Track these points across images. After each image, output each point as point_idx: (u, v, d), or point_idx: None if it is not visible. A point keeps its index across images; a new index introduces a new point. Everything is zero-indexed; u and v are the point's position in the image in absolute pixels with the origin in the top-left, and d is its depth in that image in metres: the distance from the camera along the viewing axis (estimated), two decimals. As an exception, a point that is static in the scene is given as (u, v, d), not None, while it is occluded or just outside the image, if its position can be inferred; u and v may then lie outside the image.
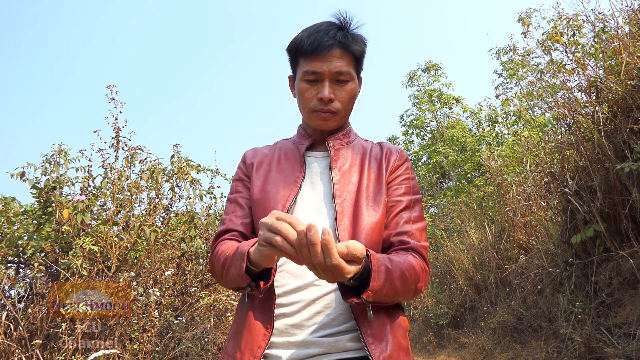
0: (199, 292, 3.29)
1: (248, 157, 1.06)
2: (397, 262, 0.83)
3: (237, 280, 0.82)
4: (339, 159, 1.00)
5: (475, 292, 4.94)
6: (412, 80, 13.54)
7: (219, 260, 0.89)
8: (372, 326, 0.84)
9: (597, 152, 2.61)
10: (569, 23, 3.30)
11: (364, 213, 0.91)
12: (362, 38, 0.98)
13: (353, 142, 1.05)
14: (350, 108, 1.01)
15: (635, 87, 2.42)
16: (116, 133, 3.10)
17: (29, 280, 2.50)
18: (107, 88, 3.16)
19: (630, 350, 2.16)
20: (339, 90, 0.95)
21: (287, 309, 0.86)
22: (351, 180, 0.96)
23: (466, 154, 10.70)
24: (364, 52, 0.99)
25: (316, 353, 0.82)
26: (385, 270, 0.78)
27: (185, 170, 3.38)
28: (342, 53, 0.94)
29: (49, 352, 2.16)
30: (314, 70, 0.93)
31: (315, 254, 0.64)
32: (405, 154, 1.05)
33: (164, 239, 3.07)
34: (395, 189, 0.97)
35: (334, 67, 0.93)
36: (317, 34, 0.93)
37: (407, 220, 0.93)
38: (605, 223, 2.57)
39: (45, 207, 2.59)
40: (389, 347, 0.83)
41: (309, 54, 0.93)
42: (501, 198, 4.93)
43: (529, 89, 5.07)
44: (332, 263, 0.64)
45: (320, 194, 0.96)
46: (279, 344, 0.84)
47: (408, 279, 0.83)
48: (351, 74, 0.95)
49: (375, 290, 0.76)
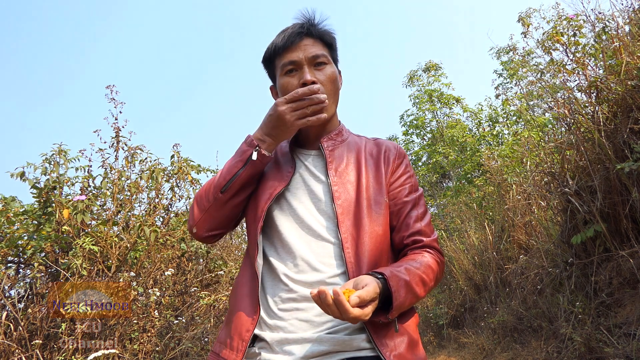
0: (199, 292, 3.29)
1: None
2: (414, 269, 0.86)
3: (235, 164, 0.92)
4: (334, 160, 0.99)
5: (475, 292, 4.94)
6: (412, 80, 13.53)
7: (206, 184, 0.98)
8: (382, 325, 0.84)
9: (597, 152, 2.61)
10: (569, 23, 3.30)
11: (365, 215, 0.91)
12: (329, 29, 1.01)
13: (347, 139, 1.05)
14: (334, 94, 0.99)
15: (635, 87, 2.42)
16: (116, 133, 3.10)
17: (29, 280, 2.50)
18: (107, 88, 3.16)
19: (630, 350, 2.16)
20: (320, 74, 0.97)
21: (301, 304, 0.86)
22: (349, 180, 0.96)
23: (466, 154, 10.70)
24: (334, 41, 1.03)
25: (329, 350, 0.82)
26: (405, 284, 0.81)
27: (185, 170, 3.38)
28: (314, 40, 0.98)
29: (49, 352, 2.16)
30: (290, 60, 0.96)
31: (332, 312, 0.71)
32: (402, 149, 1.06)
33: (164, 239, 3.07)
34: (400, 190, 0.98)
35: (309, 53, 0.96)
36: (286, 32, 0.98)
37: (416, 219, 0.95)
38: (605, 223, 2.57)
39: (45, 207, 2.58)
40: (400, 345, 0.83)
41: (283, 49, 0.97)
42: (501, 198, 4.93)
43: (529, 89, 5.07)
44: (348, 317, 0.70)
45: (318, 196, 0.95)
46: (292, 340, 0.84)
47: (427, 280, 0.87)
48: (327, 58, 0.98)
49: (398, 308, 0.79)
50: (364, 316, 0.72)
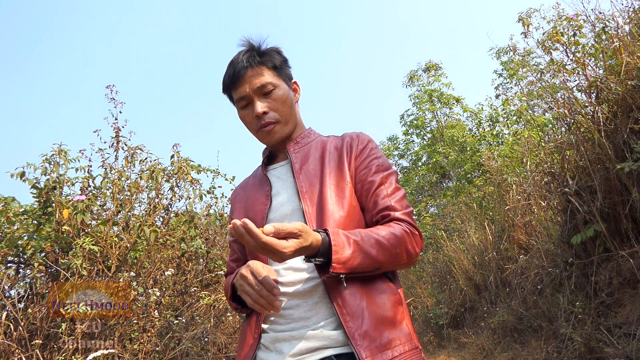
0: (199, 292, 3.29)
1: (232, 197, 1.18)
2: (370, 231, 0.88)
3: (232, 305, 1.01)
4: (299, 161, 1.05)
5: (475, 292, 4.94)
6: (413, 80, 13.54)
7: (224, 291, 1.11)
8: (347, 303, 0.84)
9: (597, 152, 2.61)
10: (569, 23, 3.30)
11: (328, 202, 0.95)
12: (272, 49, 1.07)
13: (313, 140, 1.11)
14: (288, 112, 1.07)
15: (635, 87, 2.42)
16: (116, 133, 3.10)
17: (29, 280, 2.50)
18: (107, 88, 3.16)
19: (630, 350, 2.16)
20: (268, 101, 1.04)
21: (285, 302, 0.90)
22: (315, 174, 1.01)
23: (466, 154, 10.71)
24: (279, 60, 1.07)
25: (317, 347, 0.83)
26: (354, 242, 0.84)
27: (185, 170, 3.38)
28: (257, 70, 1.03)
29: (49, 352, 2.16)
30: (240, 96, 1.04)
31: (247, 242, 0.74)
32: (367, 135, 1.08)
33: (164, 239, 3.07)
34: (365, 172, 1.00)
35: (254, 85, 1.02)
36: (232, 66, 1.05)
37: (384, 196, 0.97)
38: (605, 223, 2.57)
39: (45, 207, 2.58)
40: (366, 322, 0.82)
41: (232, 85, 1.05)
42: (501, 198, 4.93)
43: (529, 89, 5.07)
44: (261, 241, 0.73)
45: (289, 197, 1.01)
46: (282, 338, 0.87)
47: (386, 244, 0.87)
48: (273, 83, 1.04)
49: (342, 261, 0.81)
50: (281, 247, 0.74)
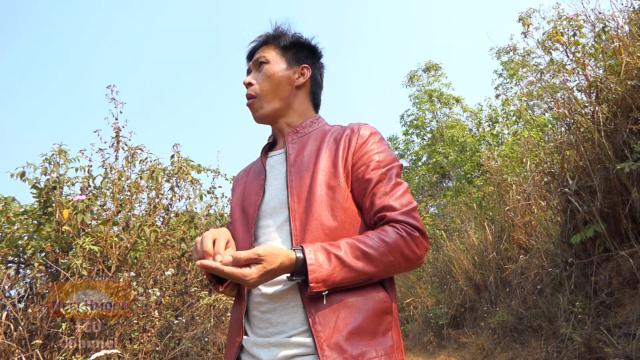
0: (199, 292, 3.29)
1: (235, 179, 1.16)
2: (357, 242, 0.83)
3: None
4: (295, 152, 0.98)
5: (475, 292, 4.94)
6: (413, 80, 13.54)
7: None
8: (320, 312, 0.80)
9: (597, 152, 2.61)
10: (569, 23, 3.30)
11: (316, 201, 0.89)
12: (289, 32, 1.08)
13: (314, 130, 1.03)
14: (269, 89, 1.02)
15: (635, 87, 2.42)
16: (116, 133, 3.10)
17: (29, 280, 2.50)
18: (108, 88, 3.16)
19: (630, 350, 2.16)
20: (257, 74, 1.05)
21: (263, 306, 0.88)
22: (307, 168, 0.94)
23: (466, 154, 10.71)
24: (291, 41, 1.07)
25: (295, 354, 0.81)
26: (335, 256, 0.80)
27: (185, 170, 3.38)
28: (266, 47, 1.06)
29: (49, 352, 2.16)
30: (247, 69, 1.09)
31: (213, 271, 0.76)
32: (370, 128, 0.98)
33: (164, 239, 3.07)
34: (363, 169, 0.91)
35: (256, 58, 1.06)
36: (250, 44, 1.10)
37: (381, 195, 0.89)
38: (605, 223, 2.57)
39: (45, 207, 2.58)
40: (337, 333, 0.78)
41: (248, 60, 1.10)
42: (501, 198, 4.93)
43: (529, 89, 5.06)
44: (224, 273, 0.75)
45: (277, 190, 0.96)
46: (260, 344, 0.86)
47: (374, 255, 0.81)
48: (267, 58, 1.04)
49: (321, 279, 0.78)
50: (243, 276, 0.75)
